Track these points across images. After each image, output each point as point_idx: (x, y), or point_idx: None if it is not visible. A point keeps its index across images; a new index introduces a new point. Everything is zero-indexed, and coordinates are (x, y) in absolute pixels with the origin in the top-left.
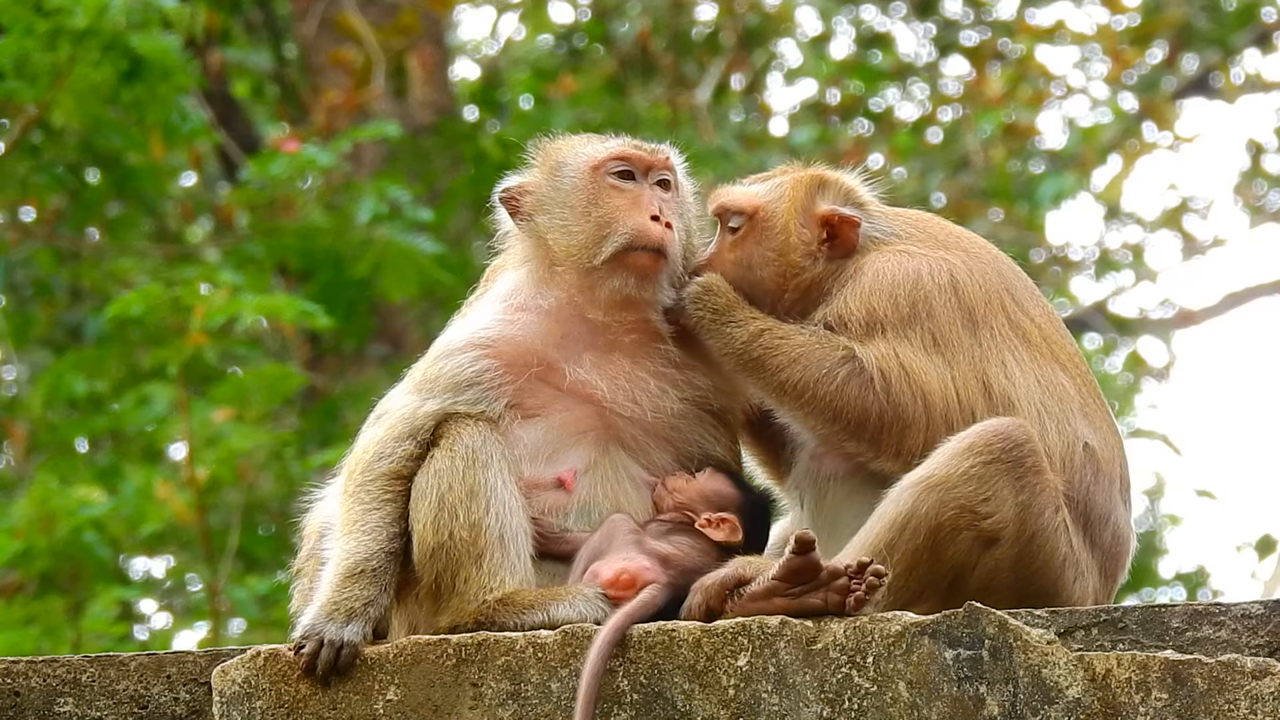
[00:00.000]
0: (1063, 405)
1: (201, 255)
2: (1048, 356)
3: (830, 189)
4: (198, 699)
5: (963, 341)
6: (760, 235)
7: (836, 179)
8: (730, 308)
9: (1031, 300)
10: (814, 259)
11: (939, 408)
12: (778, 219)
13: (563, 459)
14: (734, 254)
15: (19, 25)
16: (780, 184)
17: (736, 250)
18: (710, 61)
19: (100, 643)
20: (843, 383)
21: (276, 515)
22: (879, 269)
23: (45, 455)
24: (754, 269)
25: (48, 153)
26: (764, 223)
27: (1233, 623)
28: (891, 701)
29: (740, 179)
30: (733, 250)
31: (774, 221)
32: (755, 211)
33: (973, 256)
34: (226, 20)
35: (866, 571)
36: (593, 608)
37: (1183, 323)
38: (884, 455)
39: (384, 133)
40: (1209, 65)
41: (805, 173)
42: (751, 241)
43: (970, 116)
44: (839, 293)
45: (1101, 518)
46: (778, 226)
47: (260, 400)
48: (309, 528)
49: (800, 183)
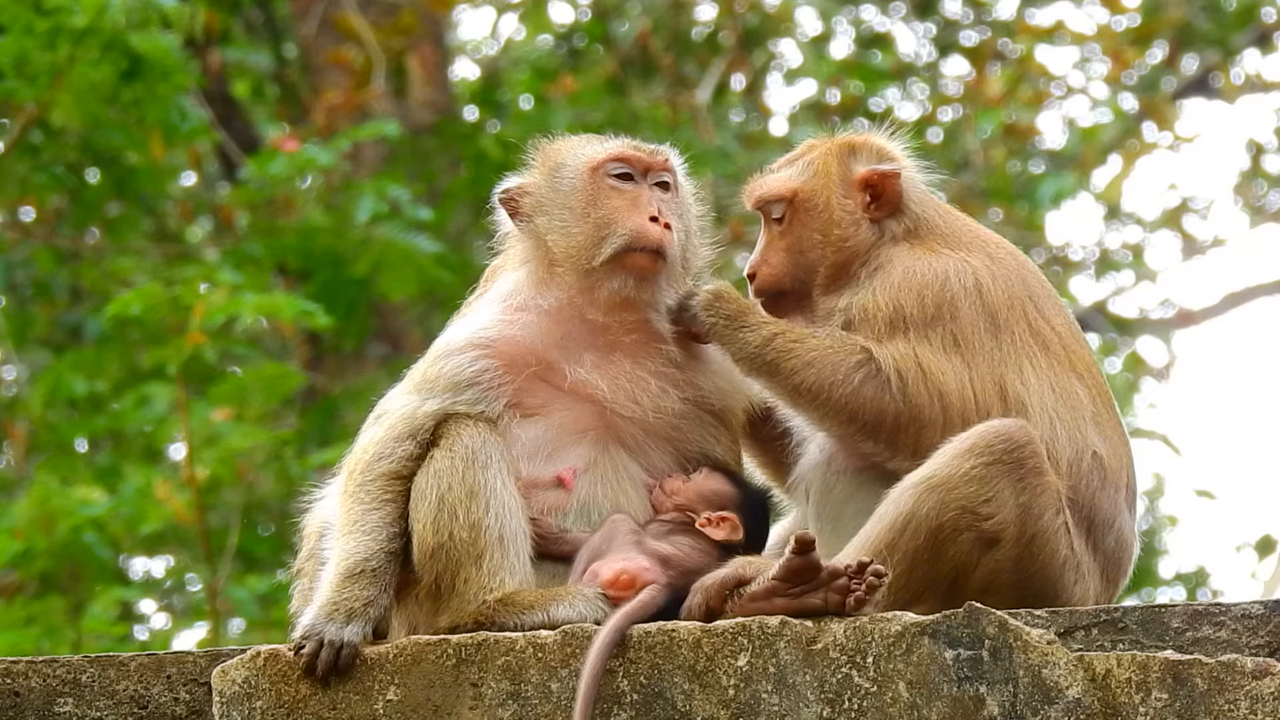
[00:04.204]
0: (1075, 413)
1: (201, 255)
2: (1065, 364)
3: (862, 151)
4: (198, 699)
5: (984, 344)
6: (805, 218)
7: (865, 140)
8: (742, 313)
9: (1052, 307)
10: (859, 225)
11: (956, 407)
12: (819, 196)
13: (562, 458)
14: (784, 242)
15: (19, 24)
16: (811, 161)
17: (785, 238)
18: (710, 61)
19: (100, 643)
20: (859, 385)
21: (276, 515)
22: (909, 266)
23: (45, 455)
24: (806, 253)
25: (47, 152)
26: (806, 204)
27: (1233, 623)
28: (891, 701)
29: (765, 169)
30: (782, 239)
31: (815, 199)
32: (794, 196)
33: (996, 260)
34: (226, 20)
35: (866, 572)
36: (593, 608)
37: (1183, 323)
38: (901, 454)
39: (384, 132)
40: (1209, 65)
41: (833, 142)
42: (798, 226)
43: (970, 116)
44: (868, 282)
45: (1105, 523)
46: (820, 204)
47: (260, 400)
48: (309, 528)
49: (831, 153)
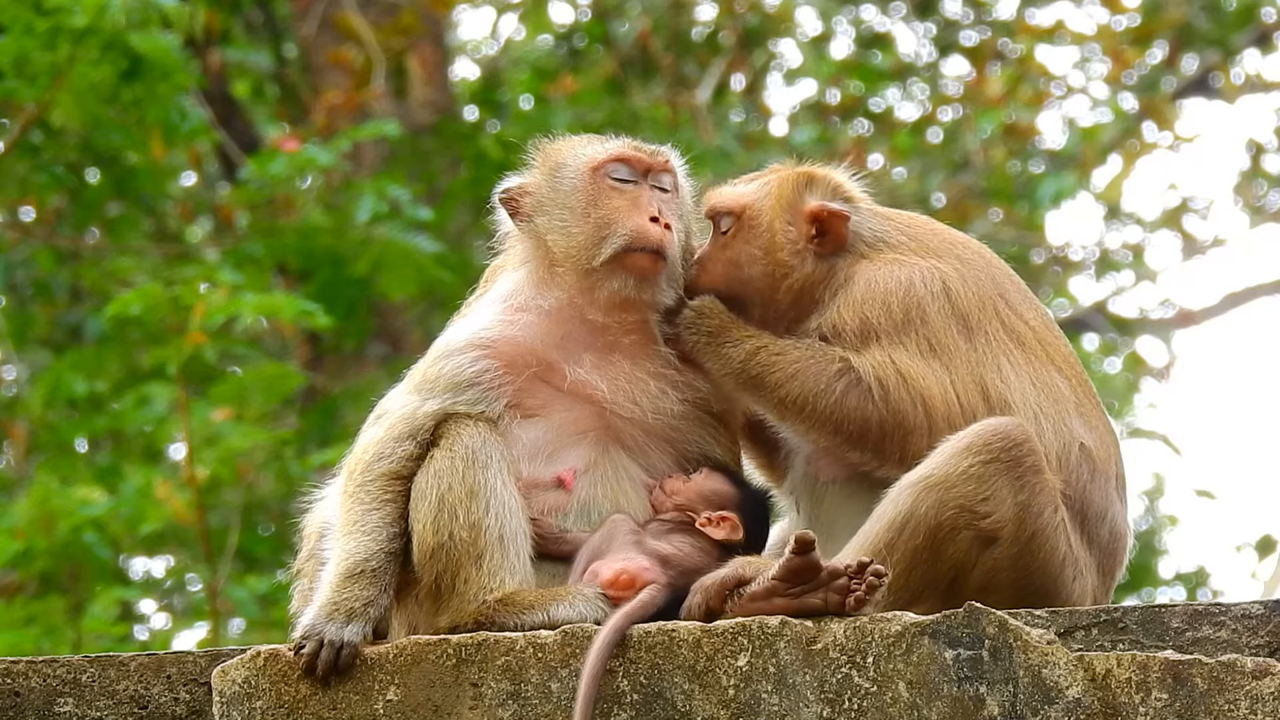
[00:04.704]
0: (1058, 406)
1: (201, 255)
2: (1042, 359)
3: (819, 185)
4: (198, 699)
5: (959, 347)
6: (748, 234)
7: (825, 175)
8: (724, 329)
9: (1025, 303)
10: (802, 257)
11: (941, 411)
12: (764, 216)
13: (562, 459)
14: (725, 254)
15: (19, 24)
16: (768, 182)
17: (727, 250)
18: (710, 61)
19: (100, 643)
20: (842, 394)
21: (276, 515)
22: (870, 278)
23: (45, 455)
24: (743, 268)
25: (47, 152)
26: (751, 221)
27: (1233, 623)
28: (891, 701)
29: (733, 179)
30: (723, 250)
31: (760, 219)
32: (743, 211)
33: (965, 262)
34: (226, 20)
35: (866, 571)
36: (592, 608)
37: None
38: (888, 463)
39: (384, 132)
40: (1209, 65)
41: (793, 170)
42: (740, 241)
43: (970, 116)
44: (831, 302)
45: (1098, 515)
46: (763, 224)
47: (260, 400)
48: (309, 528)
49: (787, 180)
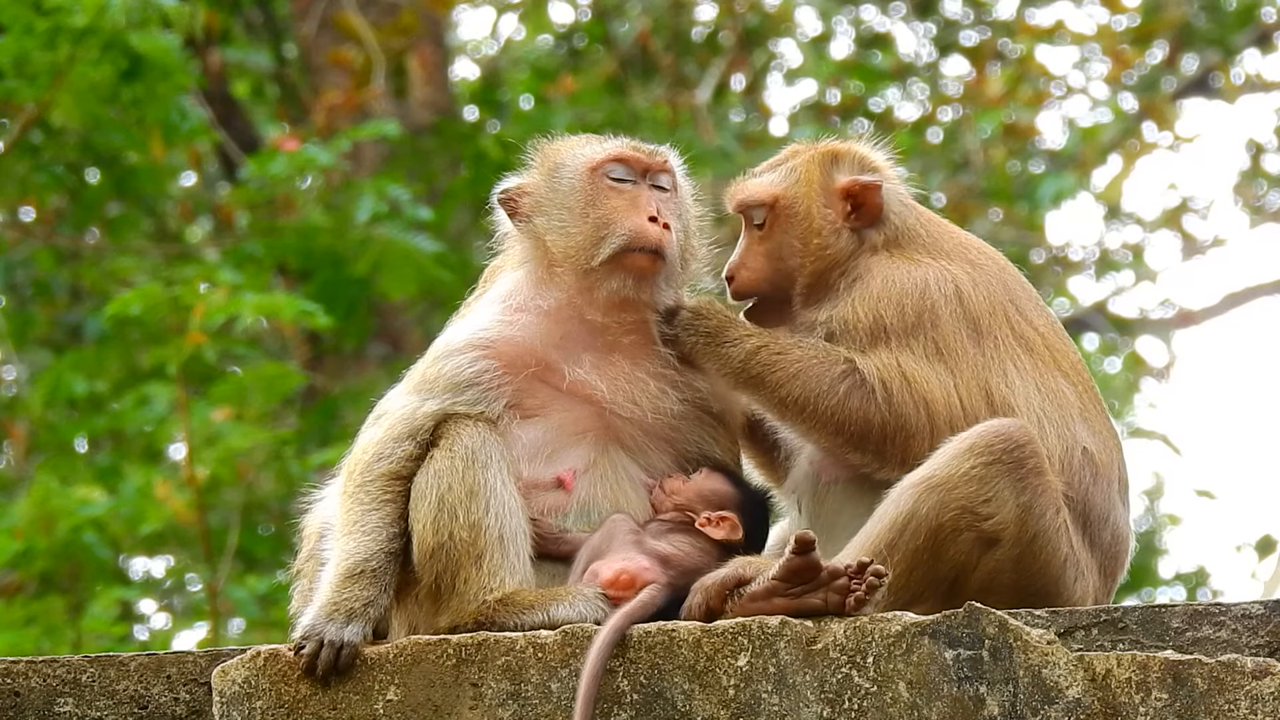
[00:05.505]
0: (1062, 411)
1: (201, 255)
2: (1049, 364)
3: (845, 160)
4: (198, 699)
5: (966, 351)
6: (785, 224)
7: (848, 149)
8: (723, 328)
9: (1035, 308)
10: (839, 234)
11: (942, 415)
12: (800, 203)
13: (562, 459)
14: (764, 247)
15: (18, 24)
16: (794, 167)
17: (765, 243)
18: (710, 61)
19: (100, 643)
20: (844, 396)
21: (276, 515)
22: (888, 275)
23: (45, 455)
24: (785, 259)
25: (47, 152)
26: (786, 210)
27: (1233, 623)
28: (891, 701)
29: (749, 172)
30: (761, 244)
31: (796, 206)
32: (775, 201)
33: (978, 267)
34: (226, 20)
35: (866, 571)
36: (592, 608)
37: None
38: (889, 465)
39: (384, 132)
40: (1209, 65)
41: (817, 149)
42: (779, 232)
43: (970, 116)
44: (846, 293)
45: (1100, 518)
46: (800, 211)
47: (259, 400)
48: (309, 528)
49: (814, 161)
